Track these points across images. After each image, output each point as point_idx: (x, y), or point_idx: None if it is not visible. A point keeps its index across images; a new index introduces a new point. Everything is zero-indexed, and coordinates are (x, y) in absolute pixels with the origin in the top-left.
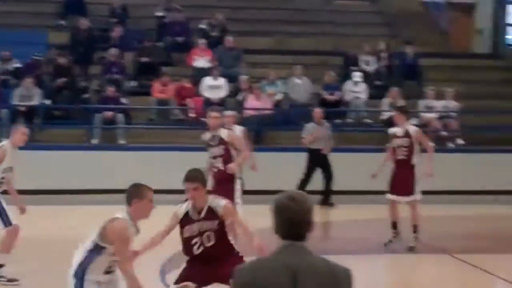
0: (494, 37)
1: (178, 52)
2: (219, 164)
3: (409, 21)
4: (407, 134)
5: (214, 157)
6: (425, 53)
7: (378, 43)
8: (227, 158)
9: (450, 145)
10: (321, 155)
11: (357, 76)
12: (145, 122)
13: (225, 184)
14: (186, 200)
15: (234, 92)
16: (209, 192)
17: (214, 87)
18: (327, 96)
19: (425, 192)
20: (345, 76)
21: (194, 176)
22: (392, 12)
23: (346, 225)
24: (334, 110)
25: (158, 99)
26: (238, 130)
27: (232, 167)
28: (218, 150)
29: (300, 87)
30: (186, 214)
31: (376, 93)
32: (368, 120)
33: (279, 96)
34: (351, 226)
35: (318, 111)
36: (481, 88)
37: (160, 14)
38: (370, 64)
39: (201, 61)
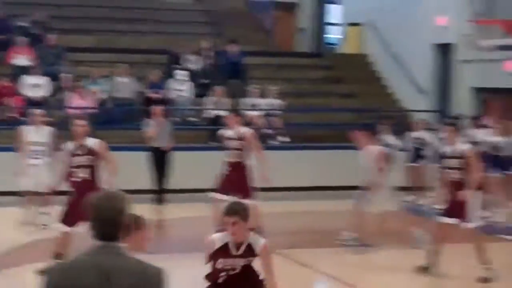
0: (315, 36)
1: None
2: (84, 174)
3: (233, 20)
4: (240, 137)
5: (78, 167)
6: (249, 51)
7: (202, 41)
8: (93, 168)
9: (273, 142)
10: (161, 153)
11: (181, 74)
12: None
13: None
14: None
15: (56, 91)
16: (73, 203)
17: (35, 85)
18: (151, 94)
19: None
20: (170, 74)
21: (233, 210)
22: (217, 11)
23: (178, 223)
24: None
25: None
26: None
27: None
28: (84, 159)
29: (124, 85)
30: (225, 245)
31: (201, 92)
32: (193, 119)
33: (102, 95)
34: (182, 224)
35: (157, 109)
36: (304, 86)
37: None
38: (194, 62)
39: (21, 59)
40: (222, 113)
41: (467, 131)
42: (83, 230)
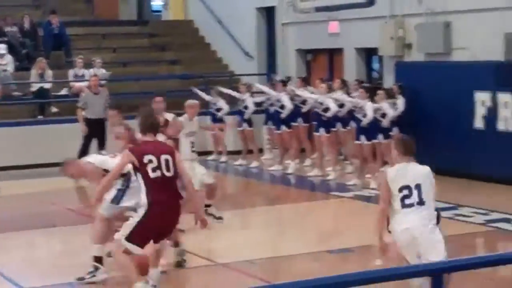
0: (139, 3)
1: None
2: None
3: None
4: None
5: None
6: (72, 22)
7: (22, 13)
8: None
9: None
10: (97, 124)
11: (1, 48)
12: None
13: None
14: None
15: None
16: None
17: None
18: None
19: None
20: None
21: None
22: None
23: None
24: None
25: None
26: None
27: None
28: None
29: None
30: None
31: (23, 65)
32: (17, 93)
33: None
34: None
35: (93, 78)
36: (129, 55)
37: None
38: (14, 35)
39: None
40: (46, 86)
41: (295, 92)
42: None
